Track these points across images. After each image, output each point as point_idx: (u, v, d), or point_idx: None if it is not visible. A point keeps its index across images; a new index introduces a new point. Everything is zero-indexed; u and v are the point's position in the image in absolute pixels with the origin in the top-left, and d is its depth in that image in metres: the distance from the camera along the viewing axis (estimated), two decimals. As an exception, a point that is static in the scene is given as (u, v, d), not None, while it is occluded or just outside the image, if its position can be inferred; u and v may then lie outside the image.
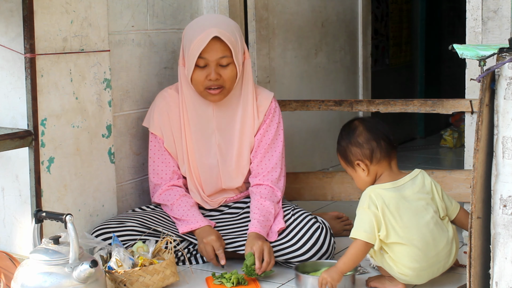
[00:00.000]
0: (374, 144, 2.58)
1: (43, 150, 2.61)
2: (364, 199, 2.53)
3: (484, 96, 1.96)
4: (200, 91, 2.83)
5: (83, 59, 2.76)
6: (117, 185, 2.97)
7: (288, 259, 2.78)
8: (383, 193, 2.51)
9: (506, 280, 1.97)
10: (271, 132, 2.92)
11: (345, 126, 2.68)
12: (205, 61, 2.77)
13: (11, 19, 2.54)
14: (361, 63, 4.60)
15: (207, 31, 2.76)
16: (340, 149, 2.65)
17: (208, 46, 2.75)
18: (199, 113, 2.88)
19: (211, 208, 2.96)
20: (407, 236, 2.47)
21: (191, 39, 2.79)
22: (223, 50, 2.77)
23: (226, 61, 2.79)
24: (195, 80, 2.81)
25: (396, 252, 2.48)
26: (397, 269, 2.49)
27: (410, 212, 2.51)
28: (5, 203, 2.68)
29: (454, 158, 5.26)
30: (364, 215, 2.50)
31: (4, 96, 2.62)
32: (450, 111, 3.10)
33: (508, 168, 1.94)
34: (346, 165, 2.65)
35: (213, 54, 2.76)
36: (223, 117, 2.90)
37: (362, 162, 2.59)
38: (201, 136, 2.89)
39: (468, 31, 2.97)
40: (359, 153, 2.59)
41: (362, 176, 2.61)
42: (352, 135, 2.61)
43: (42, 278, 2.20)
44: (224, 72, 2.80)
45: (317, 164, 4.22)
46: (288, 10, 3.97)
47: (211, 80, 2.78)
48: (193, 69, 2.78)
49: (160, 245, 2.70)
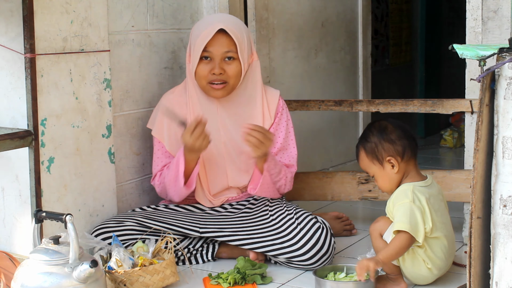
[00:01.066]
0: (406, 142, 2.61)
1: (43, 150, 2.61)
2: (405, 193, 2.53)
3: (484, 96, 1.96)
4: (203, 86, 2.84)
5: (83, 59, 2.76)
6: (117, 185, 2.97)
7: (289, 258, 2.78)
8: (421, 189, 2.56)
9: (506, 280, 1.97)
10: (281, 130, 2.95)
11: (372, 126, 2.68)
12: (209, 54, 2.80)
13: (11, 19, 2.54)
14: (361, 63, 4.60)
15: (214, 25, 2.79)
16: (368, 146, 2.63)
17: (214, 40, 2.78)
18: (204, 110, 2.90)
19: (212, 206, 2.96)
20: (443, 230, 2.55)
21: (198, 33, 2.82)
22: (228, 44, 2.80)
23: (230, 55, 2.81)
24: (198, 73, 2.82)
25: (432, 246, 2.53)
26: (430, 264, 2.53)
27: (442, 208, 2.59)
28: (5, 203, 2.68)
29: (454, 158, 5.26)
30: (408, 208, 2.49)
31: (4, 96, 2.62)
32: (450, 111, 3.10)
33: (508, 168, 1.94)
34: (373, 162, 2.63)
35: (218, 47, 2.79)
36: (227, 115, 2.91)
37: (394, 158, 2.59)
38: None
39: (468, 31, 2.97)
40: (391, 149, 2.60)
41: (390, 173, 2.60)
42: (384, 131, 2.62)
43: (42, 278, 2.20)
44: (229, 67, 2.81)
45: (317, 164, 4.22)
46: (288, 10, 3.97)
47: (215, 74, 2.79)
48: (197, 62, 2.80)
49: (160, 245, 2.70)
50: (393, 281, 2.58)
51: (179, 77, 3.25)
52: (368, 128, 2.69)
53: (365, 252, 2.86)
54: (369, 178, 3.30)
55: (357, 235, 3.28)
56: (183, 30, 3.27)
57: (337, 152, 4.38)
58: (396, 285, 2.57)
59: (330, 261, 2.79)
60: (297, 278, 2.75)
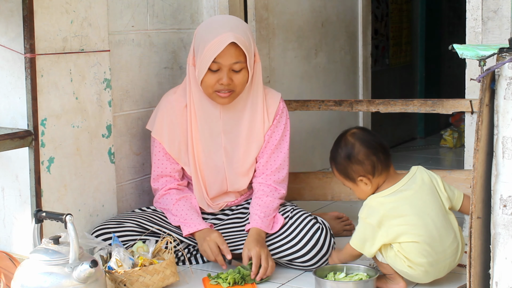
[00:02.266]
0: (374, 159, 2.60)
1: (43, 150, 2.61)
2: (364, 209, 2.59)
3: (484, 96, 1.96)
4: (209, 93, 2.80)
5: (83, 59, 2.76)
6: (117, 185, 2.97)
7: (290, 260, 2.78)
8: (383, 201, 2.56)
9: (506, 280, 1.97)
10: (278, 133, 2.92)
11: (339, 142, 2.68)
12: (218, 65, 2.73)
13: (11, 19, 2.54)
14: (361, 63, 4.60)
15: (223, 35, 2.70)
16: (339, 167, 2.67)
17: (223, 51, 2.70)
18: (207, 114, 2.86)
19: (212, 211, 2.95)
20: (415, 233, 2.51)
21: (206, 41, 2.74)
22: (238, 55, 2.73)
23: (239, 66, 2.75)
24: (205, 82, 2.77)
25: (405, 248, 2.52)
26: (407, 263, 2.52)
27: (414, 211, 2.54)
28: (5, 203, 2.68)
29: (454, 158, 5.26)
30: (361, 225, 2.59)
31: (4, 96, 2.62)
32: (450, 111, 3.10)
33: (508, 168, 1.94)
34: (346, 181, 2.67)
35: (227, 59, 2.72)
36: (229, 119, 2.88)
37: (365, 177, 2.61)
38: (208, 137, 2.87)
39: (468, 31, 2.97)
40: (361, 170, 2.61)
41: (364, 189, 2.63)
42: (351, 152, 2.62)
43: (42, 278, 2.20)
44: (236, 77, 2.76)
45: (317, 164, 4.22)
46: (288, 10, 3.97)
47: (223, 84, 2.74)
48: (205, 72, 2.75)
49: (160, 245, 2.70)
50: (392, 280, 2.58)
51: (179, 77, 3.25)
52: (337, 144, 2.69)
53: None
54: (369, 178, 3.30)
55: (357, 235, 3.27)
56: (183, 30, 3.27)
57: (337, 152, 4.37)
58: (395, 284, 2.58)
59: (330, 261, 2.80)
60: (297, 278, 2.75)
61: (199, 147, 2.86)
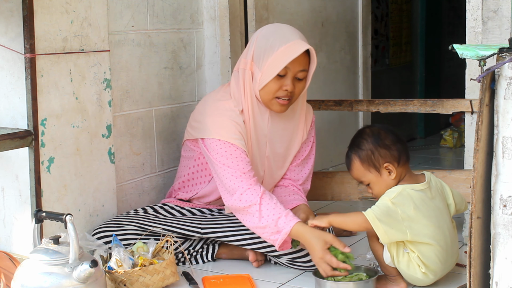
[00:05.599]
0: (399, 147, 2.57)
1: (43, 150, 2.61)
2: (392, 193, 2.49)
3: (484, 96, 1.96)
4: (268, 100, 2.73)
5: (83, 59, 2.76)
6: (117, 185, 2.97)
7: (291, 259, 2.78)
8: (413, 194, 2.51)
9: (506, 280, 1.97)
10: (308, 144, 2.95)
11: (361, 133, 2.63)
12: (286, 70, 2.69)
13: (11, 19, 2.54)
14: (361, 63, 4.60)
15: (297, 42, 2.68)
16: (364, 153, 2.58)
17: (296, 58, 2.67)
18: (256, 122, 2.82)
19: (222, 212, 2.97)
20: (435, 236, 2.50)
21: (275, 46, 2.68)
22: (305, 64, 2.71)
23: (303, 75, 2.72)
24: (269, 87, 2.70)
25: (424, 252, 2.50)
26: (422, 269, 2.51)
27: (436, 213, 2.53)
28: (5, 203, 2.68)
29: (454, 158, 5.26)
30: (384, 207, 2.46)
31: (4, 96, 2.62)
32: (450, 111, 3.10)
33: (508, 168, 1.94)
34: (369, 170, 2.58)
35: (297, 66, 2.69)
36: (276, 129, 2.85)
37: (391, 164, 2.55)
38: (255, 146, 2.84)
39: (468, 31, 2.97)
40: (388, 155, 2.55)
41: (387, 179, 2.57)
42: (378, 137, 2.57)
43: (42, 278, 2.20)
44: (298, 85, 2.74)
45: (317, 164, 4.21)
46: (288, 10, 3.97)
47: (287, 90, 2.70)
48: (273, 77, 2.69)
49: (160, 245, 2.70)
50: (392, 281, 2.58)
51: (179, 77, 3.26)
52: (359, 135, 2.63)
53: (365, 252, 2.86)
54: (369, 178, 3.30)
55: (357, 235, 3.28)
56: (183, 30, 3.27)
57: (337, 152, 4.37)
58: (396, 285, 2.57)
59: (330, 261, 2.79)
60: (297, 278, 2.75)
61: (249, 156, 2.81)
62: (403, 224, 2.46)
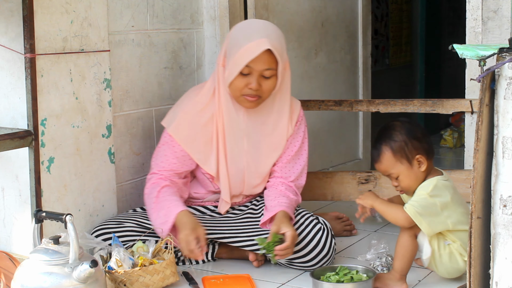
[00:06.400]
0: (429, 140, 2.61)
1: (43, 150, 2.61)
2: (429, 187, 2.53)
3: (484, 96, 1.96)
4: (237, 96, 2.78)
5: (83, 59, 2.76)
6: (117, 185, 2.97)
7: (290, 260, 2.78)
8: (447, 184, 2.56)
9: (506, 280, 1.97)
10: (297, 140, 2.93)
11: (392, 125, 2.63)
12: (250, 69, 2.71)
13: (11, 19, 2.54)
14: (361, 63, 4.60)
15: (259, 41, 2.69)
16: (397, 145, 2.57)
17: (257, 57, 2.68)
18: (231, 117, 2.84)
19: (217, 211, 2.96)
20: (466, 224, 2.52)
21: (240, 44, 2.71)
22: (270, 62, 2.72)
23: (269, 73, 2.73)
24: (234, 85, 2.75)
25: (464, 239, 2.53)
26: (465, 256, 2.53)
27: (464, 201, 2.60)
28: (5, 203, 2.68)
29: (454, 158, 5.26)
30: (423, 201, 2.51)
31: (4, 96, 2.62)
32: (450, 111, 3.10)
33: (508, 168, 1.94)
34: (400, 162, 2.58)
35: (260, 65, 2.70)
36: (253, 123, 2.87)
37: (423, 156, 2.56)
38: (232, 140, 2.86)
39: (468, 31, 2.97)
40: (420, 147, 2.57)
41: (417, 171, 2.57)
42: (410, 130, 2.58)
43: (42, 278, 2.20)
44: (265, 83, 2.75)
45: (317, 164, 4.21)
46: (288, 10, 3.97)
47: (251, 89, 2.73)
48: (236, 75, 2.73)
49: (160, 245, 2.70)
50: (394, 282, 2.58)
51: (179, 77, 3.26)
52: (390, 127, 2.62)
53: (365, 252, 2.86)
54: (369, 178, 3.30)
55: (357, 235, 3.28)
56: (183, 30, 3.27)
57: (337, 152, 4.38)
58: (398, 286, 2.57)
59: (331, 261, 2.79)
60: (297, 278, 2.75)
61: (224, 150, 2.85)
62: (443, 214, 2.51)
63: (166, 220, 2.70)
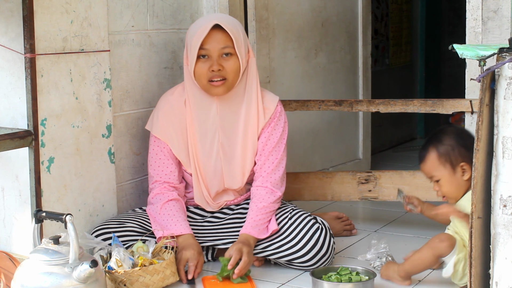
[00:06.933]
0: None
1: (43, 150, 2.61)
2: None
3: (484, 96, 1.96)
4: (204, 85, 2.82)
5: (83, 59, 2.76)
6: (117, 185, 2.97)
7: (290, 260, 2.78)
8: None
9: (506, 280, 1.97)
10: (276, 135, 2.90)
11: (446, 129, 2.61)
12: (206, 51, 2.78)
13: (11, 19, 2.54)
14: (361, 63, 4.60)
15: (208, 22, 2.78)
16: (443, 148, 2.55)
17: (209, 36, 2.76)
18: (203, 111, 2.87)
19: (212, 210, 2.95)
20: None
21: (193, 32, 2.81)
22: (225, 40, 2.78)
23: (227, 50, 2.78)
24: (197, 73, 2.80)
25: None
26: None
27: None
28: (5, 203, 2.68)
29: (454, 158, 5.25)
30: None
31: (4, 96, 2.62)
32: (450, 111, 3.10)
33: (508, 168, 1.94)
34: (444, 165, 2.55)
35: (214, 44, 2.77)
36: (226, 114, 2.88)
37: (468, 165, 2.51)
38: (205, 135, 2.88)
39: (468, 31, 2.97)
40: (467, 156, 2.51)
41: (459, 179, 2.54)
42: (461, 137, 2.56)
43: (42, 278, 2.20)
44: (227, 63, 2.79)
45: (317, 164, 4.22)
46: (288, 10, 3.97)
47: (214, 71, 2.77)
48: (195, 61, 2.78)
49: (160, 245, 2.70)
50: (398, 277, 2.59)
51: (179, 77, 3.26)
52: (443, 131, 2.60)
53: (365, 252, 2.86)
54: (369, 178, 3.30)
55: (357, 235, 3.28)
56: (183, 30, 3.27)
57: (337, 152, 4.38)
58: (401, 282, 2.59)
59: (330, 261, 2.79)
60: (297, 278, 2.75)
61: (197, 144, 2.87)
62: None
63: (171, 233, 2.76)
